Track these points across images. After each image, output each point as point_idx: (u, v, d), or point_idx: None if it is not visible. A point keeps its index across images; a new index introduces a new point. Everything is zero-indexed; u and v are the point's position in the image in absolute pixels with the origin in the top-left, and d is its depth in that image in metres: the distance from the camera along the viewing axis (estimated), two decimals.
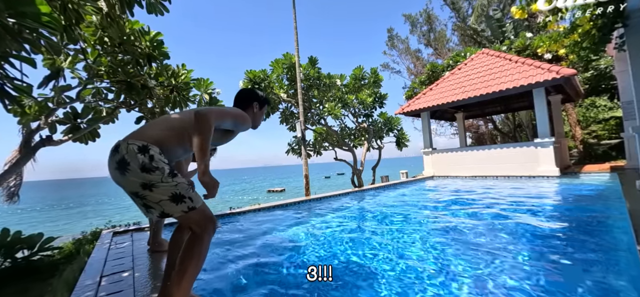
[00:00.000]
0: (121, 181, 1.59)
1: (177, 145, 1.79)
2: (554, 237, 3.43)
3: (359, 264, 2.85)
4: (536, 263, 2.70)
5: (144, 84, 4.51)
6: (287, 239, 3.95)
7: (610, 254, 2.85)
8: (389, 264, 2.78)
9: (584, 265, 2.67)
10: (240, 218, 5.45)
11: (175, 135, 1.78)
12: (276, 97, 9.03)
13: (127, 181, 1.56)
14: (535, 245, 3.17)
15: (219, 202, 35.35)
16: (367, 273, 2.61)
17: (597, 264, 2.62)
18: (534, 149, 8.88)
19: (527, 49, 11.42)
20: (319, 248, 3.44)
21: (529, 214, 4.44)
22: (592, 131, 16.43)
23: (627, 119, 8.67)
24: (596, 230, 3.68)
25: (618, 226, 3.52)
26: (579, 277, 2.48)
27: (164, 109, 5.05)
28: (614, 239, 3.19)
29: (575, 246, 3.12)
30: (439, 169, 11.24)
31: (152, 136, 1.68)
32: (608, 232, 3.50)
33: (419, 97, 11.84)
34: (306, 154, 8.95)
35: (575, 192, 6.34)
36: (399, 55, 25.76)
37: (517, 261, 2.71)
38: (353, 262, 2.90)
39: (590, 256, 2.78)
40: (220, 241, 3.96)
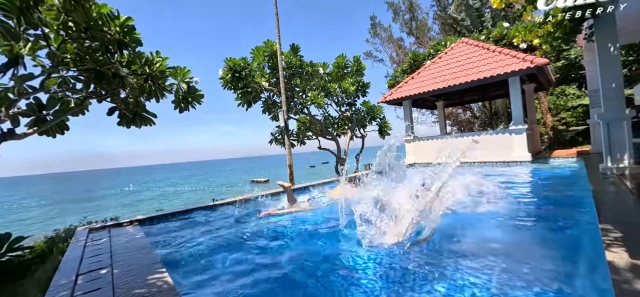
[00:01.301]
0: None
1: None
2: (526, 216, 3.64)
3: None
4: (511, 239, 2.88)
5: (115, 72, 4.26)
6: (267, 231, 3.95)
7: (574, 230, 3.05)
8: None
9: (553, 241, 2.86)
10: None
11: None
12: (258, 86, 8.83)
13: None
14: (509, 225, 3.35)
15: (204, 195, 34.76)
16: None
17: (565, 240, 2.81)
18: (509, 136, 9.27)
19: (504, 38, 11.76)
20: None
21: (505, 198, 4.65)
22: (561, 118, 17.37)
23: (593, 107, 9.20)
24: (564, 210, 3.93)
25: (584, 206, 3.77)
26: (549, 252, 2.67)
27: (139, 99, 4.82)
28: (579, 218, 3.42)
29: (545, 223, 3.33)
30: (420, 156, 11.52)
31: None
32: (575, 212, 3.75)
33: (401, 85, 11.97)
34: (289, 144, 8.89)
35: (546, 175, 6.72)
36: (381, 43, 25.82)
37: (496, 237, 2.88)
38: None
39: (559, 235, 2.97)
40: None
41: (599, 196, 3.79)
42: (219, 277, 2.61)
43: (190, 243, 3.66)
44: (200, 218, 4.95)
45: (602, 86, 5.25)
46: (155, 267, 2.48)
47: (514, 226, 3.21)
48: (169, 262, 3.01)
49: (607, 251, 2.22)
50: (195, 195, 33.48)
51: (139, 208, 28.25)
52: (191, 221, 4.85)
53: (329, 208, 4.97)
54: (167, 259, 3.07)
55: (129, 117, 4.92)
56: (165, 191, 43.06)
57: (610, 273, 1.85)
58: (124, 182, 72.26)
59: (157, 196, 35.19)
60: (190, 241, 3.77)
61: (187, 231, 4.23)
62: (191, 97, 6.03)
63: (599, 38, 5.16)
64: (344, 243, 3.27)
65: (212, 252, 3.33)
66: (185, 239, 3.86)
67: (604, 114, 5.24)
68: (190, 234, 4.08)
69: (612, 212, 3.07)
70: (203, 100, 6.14)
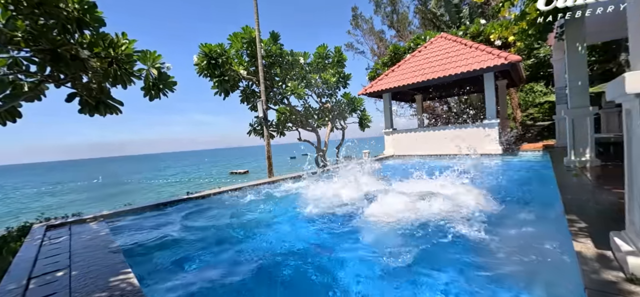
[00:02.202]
0: None
1: None
2: (497, 206, 3.77)
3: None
4: (482, 226, 2.97)
5: (74, 54, 3.87)
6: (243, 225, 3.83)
7: (542, 221, 3.19)
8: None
9: (520, 230, 2.98)
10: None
11: None
12: (235, 74, 8.48)
13: None
14: (480, 213, 3.45)
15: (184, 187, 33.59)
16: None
17: (532, 230, 2.93)
18: (482, 130, 9.64)
19: (480, 34, 12.11)
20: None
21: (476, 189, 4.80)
22: (529, 114, 18.37)
23: (559, 103, 9.75)
24: (531, 201, 4.11)
25: (549, 197, 3.97)
26: (516, 239, 2.78)
27: (103, 85, 4.44)
28: (546, 209, 3.59)
29: (513, 213, 3.45)
30: (398, 148, 11.74)
31: None
32: (541, 203, 3.93)
33: (382, 78, 12.05)
34: (268, 135, 8.68)
35: (515, 168, 7.05)
36: (363, 35, 25.82)
37: (470, 226, 2.95)
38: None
39: (527, 228, 3.08)
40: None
41: (563, 188, 4.00)
42: (192, 276, 2.47)
43: (161, 240, 3.46)
44: (173, 213, 4.71)
45: (570, 84, 5.52)
46: (119, 268, 2.30)
47: (481, 220, 3.29)
48: (137, 261, 2.82)
49: (575, 241, 2.32)
50: (172, 188, 32.27)
51: (109, 202, 26.83)
52: (164, 215, 4.60)
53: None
54: (134, 258, 2.87)
55: (91, 104, 4.52)
56: (138, 183, 41.12)
57: (578, 263, 1.92)
58: (91, 174, 68.21)
59: (128, 190, 33.52)
60: (161, 237, 3.56)
61: (159, 227, 4.00)
62: (163, 84, 5.66)
63: (569, 38, 5.40)
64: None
65: (185, 248, 3.16)
66: (157, 235, 3.64)
67: (570, 110, 5.53)
68: (162, 230, 3.86)
69: (576, 204, 3.24)
70: (176, 88, 5.80)
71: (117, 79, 5.09)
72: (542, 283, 2.04)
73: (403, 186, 4.89)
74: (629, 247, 1.73)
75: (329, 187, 5.23)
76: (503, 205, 3.86)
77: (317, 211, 4.22)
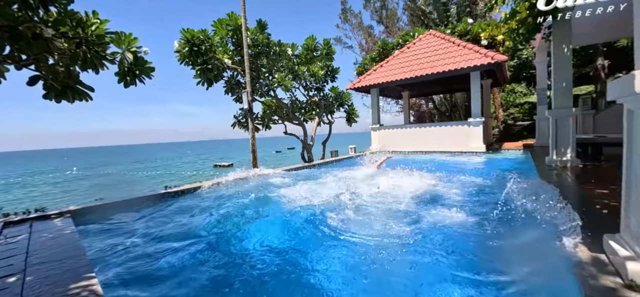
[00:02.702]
0: None
1: None
2: (484, 202, 3.76)
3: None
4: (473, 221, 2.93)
5: (37, 33, 3.48)
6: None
7: (527, 222, 3.18)
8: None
9: (510, 228, 2.96)
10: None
11: None
12: (220, 63, 8.10)
13: None
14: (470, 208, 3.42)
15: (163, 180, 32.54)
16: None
17: (521, 227, 2.92)
18: (467, 128, 9.77)
19: (468, 33, 12.23)
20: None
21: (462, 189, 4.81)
22: (510, 113, 18.93)
23: (540, 104, 10.02)
24: (513, 200, 4.11)
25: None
26: (506, 234, 2.75)
27: (71, 68, 4.05)
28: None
29: (501, 209, 3.44)
30: (385, 144, 11.74)
31: None
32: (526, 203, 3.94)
33: (370, 73, 11.97)
34: (253, 128, 8.41)
35: (498, 166, 7.16)
36: (351, 29, 25.66)
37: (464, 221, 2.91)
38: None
39: (516, 225, 3.05)
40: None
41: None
42: (166, 287, 2.26)
43: (133, 240, 3.20)
44: (148, 209, 4.41)
45: (554, 84, 5.60)
46: (82, 272, 2.05)
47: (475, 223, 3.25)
48: (104, 265, 2.57)
49: (565, 240, 2.29)
50: (153, 181, 31.17)
51: (82, 196, 25.59)
52: (138, 212, 4.30)
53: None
54: (101, 261, 2.62)
55: (57, 88, 4.12)
56: (116, 176, 39.45)
57: (573, 267, 1.87)
58: (66, 165, 64.92)
59: (105, 183, 32.10)
60: (134, 237, 3.30)
61: (131, 226, 3.72)
62: (139, 70, 5.28)
63: (556, 39, 5.47)
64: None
65: (159, 252, 2.93)
66: (128, 235, 3.38)
67: (553, 110, 5.62)
68: (136, 229, 3.59)
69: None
70: (154, 74, 5.43)
71: (87, 62, 4.69)
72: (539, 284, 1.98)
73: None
74: (626, 252, 1.68)
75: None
76: (486, 204, 3.84)
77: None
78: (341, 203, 3.92)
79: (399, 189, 4.56)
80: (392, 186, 4.74)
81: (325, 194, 4.53)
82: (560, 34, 5.39)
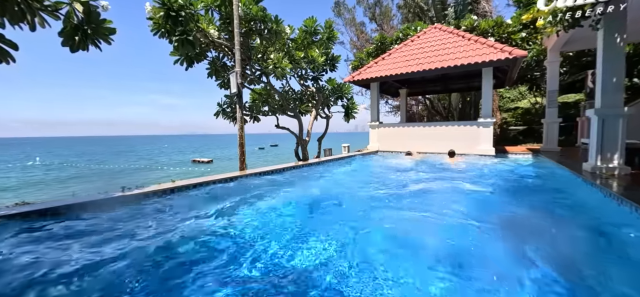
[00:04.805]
0: None
1: None
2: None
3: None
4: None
5: None
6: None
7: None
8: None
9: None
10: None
11: None
12: (203, 37, 6.77)
13: None
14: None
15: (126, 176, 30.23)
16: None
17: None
18: (476, 128, 9.01)
19: (474, 30, 11.56)
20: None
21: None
22: (503, 118, 18.76)
23: (550, 106, 9.45)
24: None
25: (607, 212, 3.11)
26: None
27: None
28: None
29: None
30: (384, 143, 10.82)
31: None
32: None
33: (370, 65, 10.99)
34: (242, 117, 7.15)
35: (532, 174, 6.38)
36: (344, 25, 24.70)
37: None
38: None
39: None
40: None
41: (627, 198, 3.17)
42: None
43: (76, 257, 1.98)
44: (104, 215, 3.14)
45: (602, 79, 4.83)
46: None
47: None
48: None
49: None
50: (121, 178, 28.70)
51: (40, 191, 23.01)
52: (94, 217, 3.03)
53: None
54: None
55: None
56: (83, 168, 36.27)
57: None
58: (29, 154, 59.68)
59: (66, 177, 29.25)
60: (79, 251, 2.07)
61: (80, 237, 2.47)
62: (92, 30, 3.95)
63: (607, 29, 4.70)
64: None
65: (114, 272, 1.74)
66: (75, 248, 2.14)
67: (600, 109, 4.84)
68: (83, 241, 2.35)
69: None
70: (113, 37, 4.11)
71: (15, 14, 3.39)
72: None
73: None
74: None
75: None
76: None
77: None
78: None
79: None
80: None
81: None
82: (613, 23, 4.62)
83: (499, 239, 2.73)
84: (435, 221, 3.26)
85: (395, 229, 3.03)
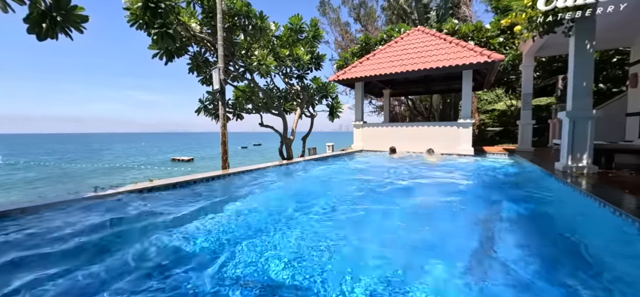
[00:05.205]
0: None
1: None
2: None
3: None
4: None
5: None
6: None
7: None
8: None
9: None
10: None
11: None
12: (185, 30, 6.54)
13: None
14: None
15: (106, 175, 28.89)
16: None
17: None
18: (457, 129, 9.28)
19: (455, 33, 11.89)
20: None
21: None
22: (481, 119, 19.46)
23: (525, 109, 9.89)
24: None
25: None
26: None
27: None
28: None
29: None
30: (368, 143, 10.92)
31: None
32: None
33: (355, 65, 11.06)
34: (225, 114, 6.97)
35: (509, 169, 6.63)
36: (329, 24, 24.74)
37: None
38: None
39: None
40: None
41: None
42: None
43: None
44: (59, 217, 2.93)
45: (573, 83, 5.10)
46: None
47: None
48: None
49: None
50: (95, 178, 27.34)
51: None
52: (51, 220, 2.82)
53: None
54: None
55: None
56: (52, 167, 34.20)
57: None
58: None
59: (36, 179, 27.54)
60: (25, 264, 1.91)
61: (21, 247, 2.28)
62: (62, 16, 3.70)
63: (578, 35, 4.97)
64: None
65: None
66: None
67: (571, 111, 5.11)
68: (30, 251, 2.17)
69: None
70: (85, 25, 3.86)
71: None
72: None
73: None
74: None
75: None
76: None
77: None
78: None
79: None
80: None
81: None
82: (584, 30, 4.89)
83: (478, 224, 2.94)
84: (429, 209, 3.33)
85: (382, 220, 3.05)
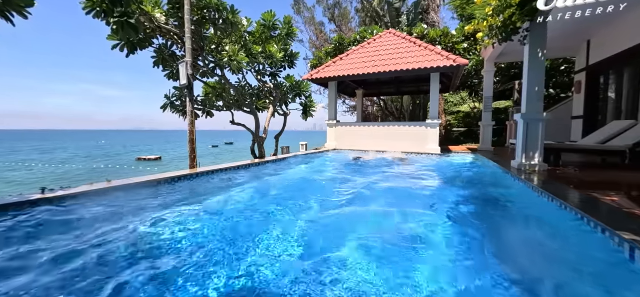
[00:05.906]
0: None
1: None
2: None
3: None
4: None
5: None
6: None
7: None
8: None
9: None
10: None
11: None
12: (149, 21, 6.15)
13: None
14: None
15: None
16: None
17: None
18: (425, 129, 9.69)
19: (424, 37, 12.38)
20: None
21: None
22: (447, 120, 20.50)
23: (486, 111, 10.56)
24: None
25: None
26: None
27: None
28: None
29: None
30: (341, 142, 11.06)
31: None
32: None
33: (329, 65, 11.15)
34: (193, 111, 6.68)
35: (469, 170, 7.02)
36: (304, 23, 24.66)
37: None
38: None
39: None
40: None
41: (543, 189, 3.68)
42: None
43: None
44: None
45: (527, 87, 5.53)
46: None
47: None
48: None
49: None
50: (62, 179, 24.97)
51: None
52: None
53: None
54: None
55: None
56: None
57: None
58: None
59: None
60: None
61: None
62: (3, 0, 3.30)
63: (532, 42, 5.38)
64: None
65: None
66: None
67: (525, 114, 5.54)
68: None
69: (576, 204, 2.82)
70: (31, 11, 3.48)
71: None
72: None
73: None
74: None
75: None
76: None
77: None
78: None
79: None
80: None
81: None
82: (537, 38, 5.32)
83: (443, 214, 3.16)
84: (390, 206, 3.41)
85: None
